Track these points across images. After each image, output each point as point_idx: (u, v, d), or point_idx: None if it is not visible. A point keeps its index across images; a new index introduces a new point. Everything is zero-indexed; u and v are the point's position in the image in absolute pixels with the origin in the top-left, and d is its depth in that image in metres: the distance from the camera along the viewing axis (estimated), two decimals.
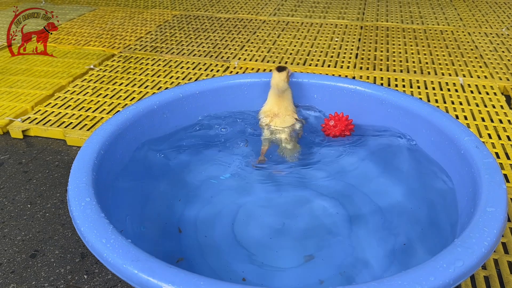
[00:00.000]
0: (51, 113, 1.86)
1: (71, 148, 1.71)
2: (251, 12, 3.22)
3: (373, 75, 2.17)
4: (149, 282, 0.71)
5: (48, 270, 1.16)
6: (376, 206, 1.16)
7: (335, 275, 0.98)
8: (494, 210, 0.84)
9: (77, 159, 1.01)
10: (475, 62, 2.30)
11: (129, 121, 1.22)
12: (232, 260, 1.02)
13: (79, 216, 0.84)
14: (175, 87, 1.41)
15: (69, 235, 1.28)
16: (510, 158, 1.52)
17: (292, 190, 1.23)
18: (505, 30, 2.78)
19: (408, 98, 1.32)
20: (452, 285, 0.72)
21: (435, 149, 1.21)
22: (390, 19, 3.03)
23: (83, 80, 2.17)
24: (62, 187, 1.48)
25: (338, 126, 1.37)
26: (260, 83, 1.48)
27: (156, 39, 2.70)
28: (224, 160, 1.35)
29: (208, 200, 1.20)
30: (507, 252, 1.15)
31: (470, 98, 1.93)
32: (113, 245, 0.77)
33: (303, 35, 2.74)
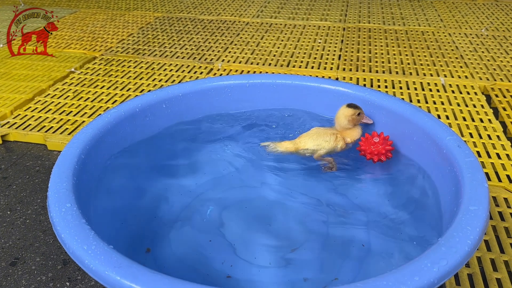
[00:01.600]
0: (31, 118, 1.83)
1: (52, 153, 1.68)
2: (234, 14, 3.22)
3: (356, 76, 2.19)
4: None
5: (29, 278, 1.14)
6: (358, 207, 1.17)
7: (319, 274, 0.98)
8: (477, 209, 0.85)
9: (57, 164, 0.99)
10: (456, 63, 2.33)
11: (110, 125, 1.20)
12: (215, 259, 1.01)
13: (60, 223, 0.83)
14: (158, 90, 1.40)
15: (50, 241, 1.25)
16: (491, 157, 1.54)
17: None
18: (484, 30, 2.82)
19: (390, 99, 1.33)
20: (436, 284, 0.72)
21: (418, 149, 1.22)
22: (372, 20, 3.06)
23: (64, 83, 2.13)
24: (43, 193, 1.45)
25: (380, 146, 1.23)
26: (244, 85, 1.48)
27: (138, 42, 2.67)
28: (207, 161, 1.35)
29: (192, 204, 1.19)
30: (489, 250, 1.16)
31: (451, 98, 1.96)
32: (95, 251, 0.76)
33: (286, 36, 2.75)
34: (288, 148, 1.27)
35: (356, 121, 1.28)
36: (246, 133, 1.48)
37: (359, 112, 1.27)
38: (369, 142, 1.24)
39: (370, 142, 1.24)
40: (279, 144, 1.29)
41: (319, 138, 1.26)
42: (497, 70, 2.24)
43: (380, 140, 1.23)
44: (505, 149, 1.58)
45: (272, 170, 1.30)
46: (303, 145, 1.26)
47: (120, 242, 1.04)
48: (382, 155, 1.23)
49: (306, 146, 1.26)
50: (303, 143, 1.26)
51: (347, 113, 1.26)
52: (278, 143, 1.29)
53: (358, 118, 1.28)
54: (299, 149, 1.27)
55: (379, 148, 1.22)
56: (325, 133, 1.27)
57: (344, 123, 1.28)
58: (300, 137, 1.29)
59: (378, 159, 1.23)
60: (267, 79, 1.49)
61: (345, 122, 1.27)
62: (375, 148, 1.23)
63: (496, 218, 1.27)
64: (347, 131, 1.29)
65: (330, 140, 1.26)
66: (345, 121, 1.27)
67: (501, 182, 1.41)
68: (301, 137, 1.29)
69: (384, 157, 1.23)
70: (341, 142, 1.27)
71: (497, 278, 1.07)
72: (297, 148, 1.27)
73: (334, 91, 1.43)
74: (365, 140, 1.26)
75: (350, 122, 1.27)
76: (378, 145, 1.23)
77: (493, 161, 1.51)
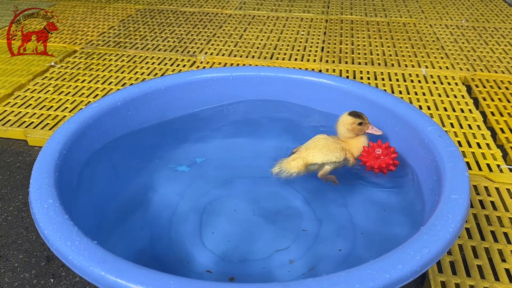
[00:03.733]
0: (11, 113, 1.79)
1: (33, 148, 1.65)
2: (216, 6, 3.19)
3: (339, 68, 2.19)
4: (117, 284, 0.69)
5: (12, 275, 1.12)
6: (343, 200, 1.18)
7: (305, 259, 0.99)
8: (458, 197, 0.87)
9: (38, 160, 0.98)
10: (437, 54, 2.36)
11: (92, 119, 1.19)
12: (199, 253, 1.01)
13: (42, 219, 0.82)
14: (140, 83, 1.38)
15: (33, 238, 1.24)
16: (471, 146, 1.57)
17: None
18: (465, 21, 2.86)
19: (373, 90, 1.34)
20: (419, 272, 0.73)
21: (400, 139, 1.23)
22: (354, 12, 3.07)
23: (44, 77, 2.09)
24: (24, 189, 1.43)
25: (384, 158, 1.13)
26: (228, 77, 1.47)
27: (119, 34, 2.64)
28: (192, 155, 1.34)
29: (174, 199, 1.18)
30: (470, 237, 1.18)
31: (432, 89, 1.98)
32: (79, 247, 0.75)
33: (270, 29, 2.74)
34: (299, 167, 1.12)
35: (358, 130, 1.16)
36: (231, 126, 1.48)
37: (361, 122, 1.15)
38: (372, 156, 1.14)
39: (374, 156, 1.14)
40: (288, 165, 1.13)
41: (329, 152, 1.13)
42: (477, 60, 2.27)
43: (382, 151, 1.13)
44: (485, 138, 1.61)
45: (258, 162, 1.30)
46: (312, 159, 1.12)
47: (104, 238, 1.03)
48: (390, 165, 1.13)
49: (315, 160, 1.12)
50: (311, 156, 1.13)
51: (345, 121, 1.16)
52: (286, 164, 1.13)
53: (360, 128, 1.16)
54: (308, 164, 1.13)
55: (383, 159, 1.13)
56: (335, 147, 1.14)
57: (342, 131, 1.18)
58: (307, 149, 1.15)
59: (388, 170, 1.14)
60: (251, 72, 1.49)
61: (344, 130, 1.17)
62: (381, 161, 1.13)
63: (477, 206, 1.29)
64: (350, 140, 1.18)
65: (340, 156, 1.14)
66: (343, 129, 1.17)
67: (482, 171, 1.44)
68: (309, 149, 1.14)
69: (392, 166, 1.13)
70: (351, 159, 1.17)
71: (478, 265, 1.10)
72: (306, 163, 1.13)
73: (318, 83, 1.43)
74: (367, 155, 1.15)
75: (350, 132, 1.16)
76: (382, 156, 1.13)
77: (474, 150, 1.54)
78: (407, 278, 0.72)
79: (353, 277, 0.69)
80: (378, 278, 0.69)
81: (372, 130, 1.18)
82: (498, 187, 1.37)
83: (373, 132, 1.18)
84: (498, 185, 1.38)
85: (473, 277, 1.07)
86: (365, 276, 0.70)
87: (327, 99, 1.43)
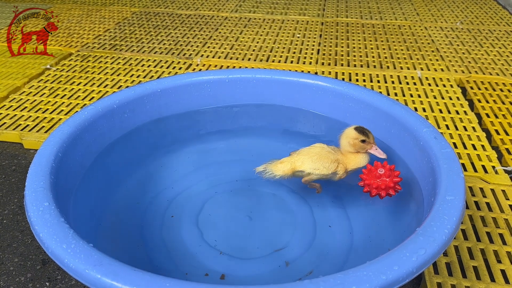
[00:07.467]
0: (6, 116, 1.79)
1: (28, 151, 1.64)
2: (212, 9, 3.20)
3: (335, 70, 2.20)
4: (113, 286, 0.69)
5: (7, 279, 1.12)
6: (340, 202, 1.18)
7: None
8: (453, 199, 0.87)
9: (34, 163, 0.97)
10: (432, 56, 2.37)
11: (87, 122, 1.19)
12: (196, 255, 1.01)
13: (38, 222, 0.81)
14: (136, 85, 1.38)
15: (28, 241, 1.23)
16: (467, 148, 1.57)
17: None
18: (459, 24, 2.87)
19: (368, 92, 1.34)
20: (415, 273, 0.73)
21: (396, 141, 1.24)
22: (349, 14, 3.08)
23: (39, 80, 2.09)
24: (20, 193, 1.42)
25: (387, 179, 1.05)
26: (224, 80, 1.47)
27: (115, 37, 2.63)
28: (188, 157, 1.34)
29: (170, 201, 1.18)
30: (466, 239, 1.19)
31: (428, 91, 1.99)
32: (74, 250, 0.75)
33: (265, 31, 2.75)
34: (285, 172, 1.11)
35: (359, 147, 1.11)
36: (227, 128, 1.48)
37: (364, 140, 1.10)
38: (373, 174, 1.06)
39: (374, 175, 1.06)
40: (274, 167, 1.12)
41: (319, 162, 1.10)
42: (472, 62, 2.28)
43: (385, 171, 1.05)
44: (480, 140, 1.62)
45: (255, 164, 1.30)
46: (300, 166, 1.11)
47: (100, 240, 1.03)
48: (390, 188, 1.05)
49: (302, 168, 1.11)
50: (300, 162, 1.11)
51: (349, 135, 1.12)
52: (273, 165, 1.13)
53: (362, 145, 1.11)
54: (296, 170, 1.11)
55: (384, 180, 1.04)
56: (327, 158, 1.11)
57: (344, 144, 1.13)
58: (298, 154, 1.13)
59: (387, 193, 1.06)
60: (247, 74, 1.49)
61: (345, 143, 1.13)
62: (381, 181, 1.04)
63: (472, 208, 1.30)
64: (351, 155, 1.14)
65: (329, 168, 1.11)
66: (345, 142, 1.13)
67: (477, 172, 1.44)
68: (300, 154, 1.13)
69: (392, 191, 1.06)
70: (341, 172, 1.12)
71: (473, 266, 1.10)
72: (293, 168, 1.11)
73: (313, 85, 1.43)
74: (368, 172, 1.07)
75: (351, 146, 1.12)
76: (384, 177, 1.05)
77: (469, 152, 1.55)
78: (403, 280, 0.72)
79: (349, 278, 0.70)
80: (374, 279, 0.70)
81: (375, 152, 1.12)
82: (493, 189, 1.38)
83: (376, 154, 1.12)
84: (493, 187, 1.38)
85: (469, 278, 1.07)
86: (361, 277, 0.70)
87: (322, 102, 1.43)
